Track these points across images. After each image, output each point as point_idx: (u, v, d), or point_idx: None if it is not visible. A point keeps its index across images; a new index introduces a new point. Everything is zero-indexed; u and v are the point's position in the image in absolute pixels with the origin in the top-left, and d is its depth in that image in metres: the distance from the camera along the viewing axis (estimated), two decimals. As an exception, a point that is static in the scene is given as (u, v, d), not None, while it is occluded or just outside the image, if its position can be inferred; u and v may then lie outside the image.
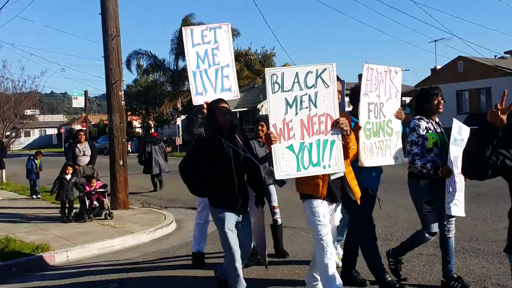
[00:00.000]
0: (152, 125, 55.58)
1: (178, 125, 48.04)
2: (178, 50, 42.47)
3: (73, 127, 72.81)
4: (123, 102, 12.01)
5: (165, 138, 48.14)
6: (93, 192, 10.27)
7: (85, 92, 14.03)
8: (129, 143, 30.32)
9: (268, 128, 4.51)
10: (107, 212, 10.31)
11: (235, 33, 41.30)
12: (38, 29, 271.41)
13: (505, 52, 41.50)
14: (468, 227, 7.84)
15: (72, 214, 10.22)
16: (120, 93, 11.87)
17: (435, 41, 38.98)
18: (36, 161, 15.12)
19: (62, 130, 64.68)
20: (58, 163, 14.33)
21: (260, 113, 44.81)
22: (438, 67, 34.56)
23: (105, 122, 63.28)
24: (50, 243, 7.98)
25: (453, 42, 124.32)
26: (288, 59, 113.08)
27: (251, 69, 50.85)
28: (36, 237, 8.53)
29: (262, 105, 43.99)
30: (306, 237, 7.88)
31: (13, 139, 21.39)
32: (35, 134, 79.19)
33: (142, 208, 12.04)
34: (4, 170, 18.13)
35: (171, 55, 43.53)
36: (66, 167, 10.39)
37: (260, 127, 6.98)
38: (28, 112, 22.80)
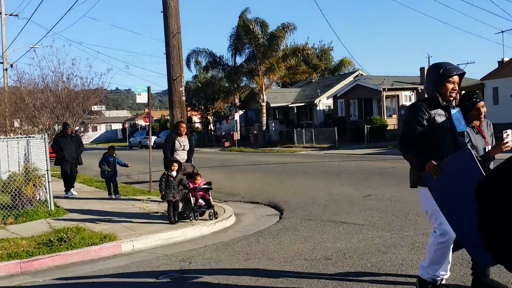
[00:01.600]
0: (211, 120, 56.55)
1: (236, 120, 48.54)
2: (235, 46, 42.88)
3: (136, 122, 75.31)
4: (183, 98, 12.32)
5: (223, 133, 48.88)
6: (198, 190, 9.65)
7: (148, 88, 14.47)
8: (189, 138, 30.80)
9: None
10: (212, 211, 9.57)
11: (291, 28, 41.15)
12: (104, 28, 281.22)
13: None
14: None
15: (177, 214, 9.44)
16: (181, 89, 12.20)
17: (502, 32, 37.44)
18: (110, 158, 13.26)
19: (127, 125, 67.02)
20: (128, 157, 14.84)
21: (318, 108, 44.52)
22: (506, 59, 33.00)
23: (166, 117, 64.93)
24: (117, 233, 8.36)
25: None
26: (346, 53, 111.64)
27: (308, 64, 50.60)
28: (104, 227, 8.95)
29: (320, 100, 43.68)
30: (365, 233, 7.83)
31: (81, 134, 22.42)
32: (102, 129, 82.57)
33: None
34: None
35: (228, 51, 44.03)
36: (172, 163, 9.50)
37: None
38: (95, 107, 23.81)
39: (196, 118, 61.64)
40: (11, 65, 33.48)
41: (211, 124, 57.71)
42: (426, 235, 7.40)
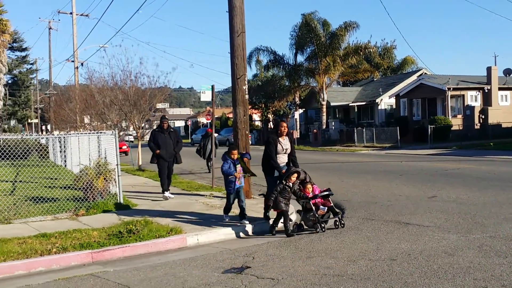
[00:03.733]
0: (271, 118, 56.77)
1: (295, 118, 48.49)
2: (297, 45, 42.83)
3: (198, 119, 76.84)
4: (246, 96, 12.46)
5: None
6: (316, 197, 8.75)
7: (212, 87, 14.77)
8: (249, 135, 31.30)
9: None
10: (338, 219, 8.68)
11: (354, 26, 40.63)
12: (169, 28, 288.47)
13: None
14: None
15: (292, 225, 8.74)
16: (244, 87, 12.33)
17: None
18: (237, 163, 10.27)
19: (189, 123, 68.52)
20: (190, 153, 15.17)
21: (380, 107, 43.70)
22: None
23: (227, 115, 65.87)
24: (182, 227, 8.62)
25: None
26: (409, 52, 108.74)
27: (370, 62, 49.76)
28: (170, 220, 9.24)
29: (382, 99, 42.86)
30: (431, 235, 7.67)
31: (147, 130, 23.19)
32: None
33: (262, 199, 12.41)
34: (136, 160, 19.49)
35: (290, 50, 44.10)
36: (292, 174, 8.60)
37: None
38: (160, 105, 24.53)
39: (256, 116, 62.08)
40: (82, 64, 35.11)
41: (271, 123, 57.95)
42: (494, 238, 7.18)
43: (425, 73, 43.50)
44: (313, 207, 8.55)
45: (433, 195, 11.48)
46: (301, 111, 51.23)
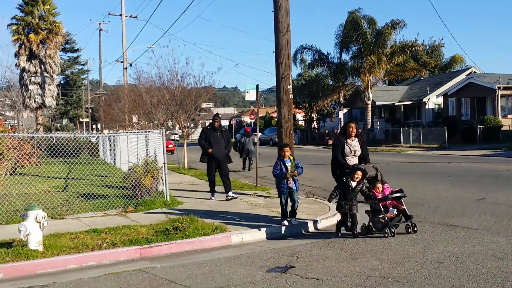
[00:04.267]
0: (314, 118, 56.49)
1: (340, 118, 48.04)
2: (342, 43, 42.43)
3: (242, 119, 77.37)
4: (291, 95, 12.47)
5: (326, 131, 48.65)
6: (386, 199, 8.18)
7: (257, 86, 14.85)
8: (293, 135, 31.37)
9: None
10: (410, 223, 8.05)
11: (401, 24, 39.90)
12: (215, 28, 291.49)
13: None
14: None
15: (360, 228, 8.18)
16: (288, 87, 12.35)
17: None
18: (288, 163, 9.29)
19: (233, 122, 69.09)
20: (232, 152, 15.33)
21: (427, 107, 42.72)
22: None
23: (271, 115, 65.99)
24: (227, 225, 8.74)
25: None
26: (458, 50, 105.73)
27: (417, 61, 48.70)
28: (215, 219, 9.39)
29: (429, 99, 41.88)
30: (480, 238, 7.48)
31: (192, 129, 23.56)
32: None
33: (307, 198, 12.45)
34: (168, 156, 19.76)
35: (335, 49, 43.70)
36: (355, 171, 8.14)
37: None
38: (204, 105, 24.87)
39: (299, 116, 61.91)
40: (130, 64, 36.03)
41: (315, 122, 57.64)
42: (549, 244, 6.92)
43: (474, 72, 42.19)
44: (382, 209, 7.99)
45: (482, 197, 11.17)
46: (345, 110, 50.70)
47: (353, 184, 8.09)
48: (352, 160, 8.65)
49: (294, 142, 12.76)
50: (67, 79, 70.63)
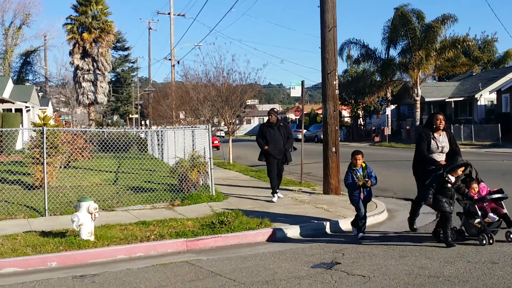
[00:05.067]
0: (361, 114, 55.69)
1: (387, 115, 47.17)
2: (390, 38, 41.59)
3: (287, 115, 77.25)
4: (337, 91, 12.33)
5: (373, 128, 47.86)
6: (484, 200, 7.21)
7: (302, 83, 14.77)
8: (338, 131, 31.14)
9: None
10: (510, 231, 7.08)
11: (452, 19, 38.72)
12: (261, 25, 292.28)
13: None
14: None
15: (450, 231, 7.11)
16: (334, 83, 12.22)
17: None
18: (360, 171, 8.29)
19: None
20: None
21: (479, 103, 41.31)
22: None
23: (316, 111, 65.53)
24: (271, 220, 8.73)
25: None
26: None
27: (469, 56, 47.16)
28: (260, 213, 9.39)
29: (481, 95, 40.48)
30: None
31: (237, 126, 23.71)
32: (255, 121, 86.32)
33: (352, 195, 12.25)
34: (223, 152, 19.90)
35: (382, 44, 42.93)
36: (459, 167, 7.20)
37: None
38: (250, 101, 24.96)
39: (345, 113, 61.17)
40: (178, 62, 36.62)
41: (361, 119, 56.81)
42: None
43: (531, 67, 40.48)
44: (479, 212, 7.03)
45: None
46: (392, 107, 49.73)
47: (452, 179, 7.12)
48: (439, 158, 7.71)
49: (339, 138, 12.58)
50: (117, 76, 72.52)
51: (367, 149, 33.84)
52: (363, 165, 8.17)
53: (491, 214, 7.02)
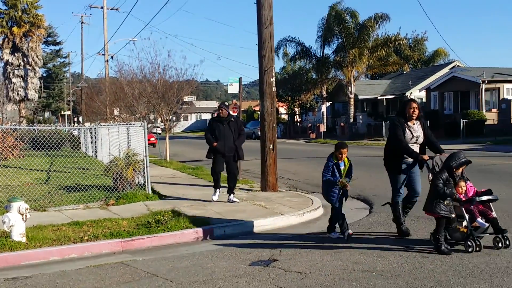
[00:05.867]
0: (297, 111, 56.60)
1: (322, 112, 48.19)
2: (325, 37, 42.49)
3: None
4: (274, 88, 12.42)
5: (309, 125, 48.76)
6: (473, 201, 6.48)
7: (239, 79, 14.79)
8: (276, 128, 31.36)
9: None
10: (501, 237, 6.36)
11: (384, 18, 40.10)
12: (197, 21, 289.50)
13: None
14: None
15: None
16: (271, 80, 12.30)
17: None
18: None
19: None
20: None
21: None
22: None
23: (253, 108, 65.91)
24: (210, 218, 8.66)
25: None
26: (441, 43, 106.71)
27: (400, 55, 49.00)
28: (196, 212, 9.30)
29: (411, 92, 42.20)
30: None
31: (174, 123, 23.41)
32: (192, 118, 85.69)
33: (289, 192, 12.43)
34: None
35: (317, 42, 43.76)
36: (465, 164, 6.62)
37: None
38: (187, 98, 24.73)
39: (282, 109, 61.99)
40: (112, 57, 35.66)
41: (297, 116, 57.76)
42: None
43: (458, 66, 42.61)
44: (466, 215, 6.37)
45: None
46: (328, 104, 50.89)
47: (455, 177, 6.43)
48: (414, 148, 7.20)
49: (277, 135, 12.68)
50: (49, 72, 69.69)
51: (304, 145, 34.43)
52: (346, 161, 7.59)
53: (480, 220, 6.38)
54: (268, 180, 12.16)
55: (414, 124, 7.28)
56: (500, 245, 6.32)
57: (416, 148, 7.23)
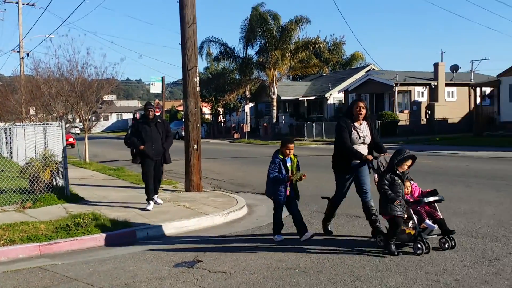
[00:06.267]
0: (221, 112, 56.68)
1: (246, 112, 48.61)
2: (248, 38, 42.89)
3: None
4: (198, 88, 12.38)
5: (233, 125, 48.97)
6: (420, 202, 6.38)
7: (162, 79, 14.62)
8: (200, 128, 31.19)
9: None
10: (447, 238, 6.31)
11: (304, 21, 41.12)
12: (118, 18, 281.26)
13: None
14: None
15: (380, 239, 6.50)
16: (195, 79, 12.24)
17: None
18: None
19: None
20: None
21: (329, 102, 44.46)
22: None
23: (176, 108, 65.19)
24: (132, 220, 8.48)
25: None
26: (358, 47, 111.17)
27: (320, 57, 50.45)
28: (118, 214, 9.06)
29: (331, 94, 43.61)
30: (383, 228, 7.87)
31: (94, 123, 22.62)
32: (113, 118, 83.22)
33: (214, 192, 12.43)
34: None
35: (240, 42, 44.08)
36: (407, 159, 6.36)
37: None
38: (107, 97, 24.00)
39: (206, 110, 61.80)
40: (27, 54, 33.80)
41: (221, 116, 57.83)
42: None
43: (373, 69, 44.58)
44: (414, 216, 6.24)
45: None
46: (251, 104, 51.37)
47: (401, 175, 6.29)
48: (362, 150, 7.02)
49: (201, 136, 12.65)
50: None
51: (228, 146, 34.54)
52: (293, 157, 7.23)
53: (428, 222, 6.27)
54: (192, 180, 12.09)
55: (361, 124, 7.12)
56: (446, 246, 6.25)
57: (364, 148, 7.08)
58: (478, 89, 34.67)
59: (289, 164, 7.13)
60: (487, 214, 8.28)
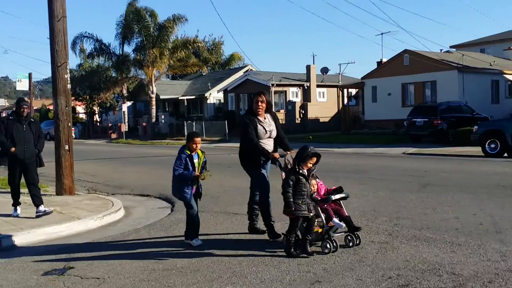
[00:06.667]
0: (96, 111, 54.41)
1: (123, 111, 47.17)
2: (124, 35, 41.66)
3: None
4: (69, 86, 11.76)
5: (110, 125, 47.24)
6: (328, 200, 6.29)
7: (29, 75, 13.63)
8: (73, 128, 29.75)
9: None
10: (352, 236, 6.27)
11: (182, 20, 40.96)
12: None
13: (451, 46, 43.49)
14: (419, 216, 8.14)
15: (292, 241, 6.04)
16: (66, 76, 11.62)
17: (381, 34, 40.42)
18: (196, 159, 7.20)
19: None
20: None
21: (209, 102, 44.76)
22: (384, 60, 35.57)
23: (47, 107, 61.30)
24: (-5, 228, 7.79)
25: (399, 35, 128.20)
26: (236, 48, 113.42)
27: (199, 57, 50.58)
28: (-22, 223, 8.28)
29: (210, 93, 43.89)
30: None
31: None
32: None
33: (88, 195, 11.89)
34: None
35: (116, 39, 42.63)
36: (310, 157, 6.22)
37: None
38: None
39: (80, 109, 58.89)
40: None
41: (97, 115, 55.53)
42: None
43: (251, 70, 45.68)
44: (322, 215, 6.16)
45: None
46: (129, 103, 49.99)
47: (305, 173, 6.14)
48: (268, 144, 6.85)
49: (74, 136, 12.00)
50: None
51: (104, 146, 33.24)
52: (200, 153, 6.78)
53: (336, 220, 6.14)
54: (64, 183, 11.44)
55: (265, 118, 6.92)
56: (351, 244, 6.24)
57: (270, 142, 6.92)
58: (345, 90, 37.08)
59: (196, 160, 6.69)
60: (353, 206, 8.82)
